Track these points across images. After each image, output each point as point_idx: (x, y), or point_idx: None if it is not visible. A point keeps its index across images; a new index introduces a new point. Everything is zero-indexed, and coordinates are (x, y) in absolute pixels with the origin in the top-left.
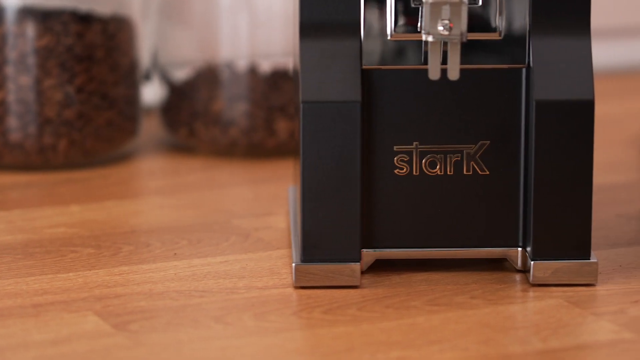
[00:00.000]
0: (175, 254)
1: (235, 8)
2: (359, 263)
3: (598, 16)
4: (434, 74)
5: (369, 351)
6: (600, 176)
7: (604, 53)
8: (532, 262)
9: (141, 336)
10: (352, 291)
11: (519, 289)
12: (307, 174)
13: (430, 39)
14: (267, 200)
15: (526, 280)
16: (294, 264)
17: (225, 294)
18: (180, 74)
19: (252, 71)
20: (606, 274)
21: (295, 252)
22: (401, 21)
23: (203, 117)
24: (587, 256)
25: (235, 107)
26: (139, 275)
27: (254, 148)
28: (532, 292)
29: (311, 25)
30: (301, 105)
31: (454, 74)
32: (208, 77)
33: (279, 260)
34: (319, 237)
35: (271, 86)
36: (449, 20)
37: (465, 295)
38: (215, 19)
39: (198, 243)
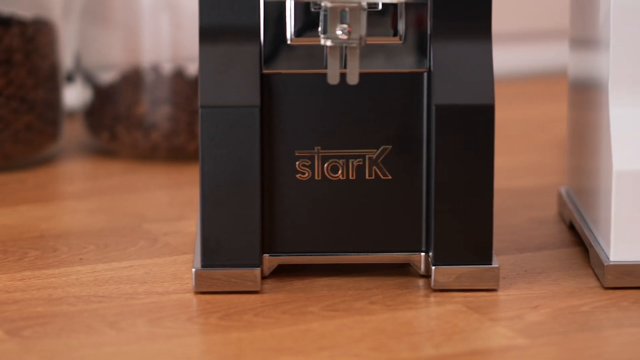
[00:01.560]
0: (80, 259)
1: (156, 10)
2: (259, 268)
3: (515, 20)
4: (332, 78)
5: (258, 357)
6: (519, 180)
7: (529, 56)
8: (433, 268)
9: (32, 342)
10: (252, 296)
11: (420, 295)
12: (206, 178)
13: (329, 43)
14: (182, 205)
15: (429, 286)
16: (194, 269)
17: (124, 299)
18: (106, 77)
19: (178, 74)
20: (510, 278)
21: (196, 257)
22: (301, 26)
23: (126, 121)
24: (489, 261)
25: (158, 111)
26: (40, 281)
27: (176, 152)
28: (433, 298)
29: (211, 30)
30: (200, 111)
31: (353, 78)
32: (132, 80)
33: (183, 265)
34: (219, 242)
35: (196, 90)
36: (347, 24)
37: (365, 300)
38: (137, 21)
39: (105, 248)
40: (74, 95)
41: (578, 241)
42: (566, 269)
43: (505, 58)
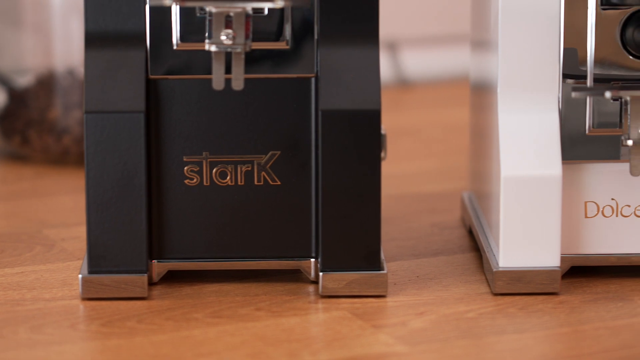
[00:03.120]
0: None
1: (68, 13)
2: (146, 274)
3: (422, 25)
4: (218, 84)
5: None
6: (429, 184)
7: (454, 60)
8: (321, 274)
9: None
10: (138, 303)
11: (307, 301)
12: (92, 184)
13: (213, 48)
14: (84, 210)
15: (318, 292)
16: (80, 276)
17: (10, 306)
18: (22, 81)
19: None
20: (401, 284)
21: (84, 264)
22: (187, 31)
23: (38, 125)
24: (377, 267)
25: (70, 115)
26: None
27: None
28: (321, 304)
29: (96, 35)
30: (84, 116)
31: (238, 84)
32: (47, 84)
33: (75, 271)
34: (105, 248)
35: None
36: (232, 29)
37: (251, 307)
38: (49, 24)
39: (1, 253)
40: None
41: (476, 247)
42: (459, 275)
43: (429, 61)
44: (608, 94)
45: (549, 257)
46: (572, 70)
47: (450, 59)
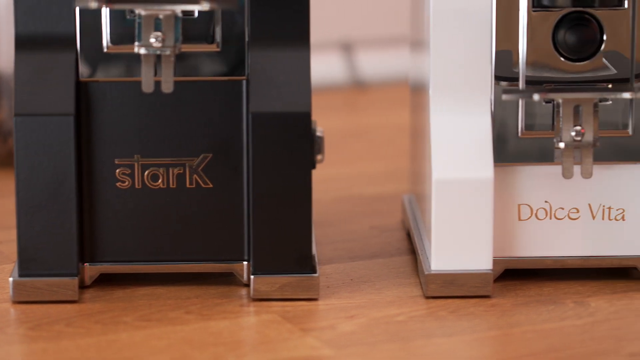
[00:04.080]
0: None
1: (11, 15)
2: (77, 277)
3: (378, 26)
4: (147, 87)
5: None
6: (374, 186)
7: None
8: (252, 277)
9: None
10: (69, 306)
11: (238, 304)
12: (21, 187)
13: (142, 51)
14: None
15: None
16: (11, 279)
17: None
18: None
19: None
20: (335, 287)
21: (15, 267)
22: (117, 33)
23: None
24: (309, 270)
25: None
26: None
27: None
28: (252, 307)
29: (26, 38)
30: (14, 119)
31: (167, 86)
32: None
33: (9, 274)
34: (36, 251)
35: None
36: (161, 32)
37: (182, 310)
38: None
39: None
40: None
41: (414, 249)
42: (393, 278)
43: (384, 63)
44: (537, 97)
45: (481, 260)
46: (505, 73)
47: (406, 61)
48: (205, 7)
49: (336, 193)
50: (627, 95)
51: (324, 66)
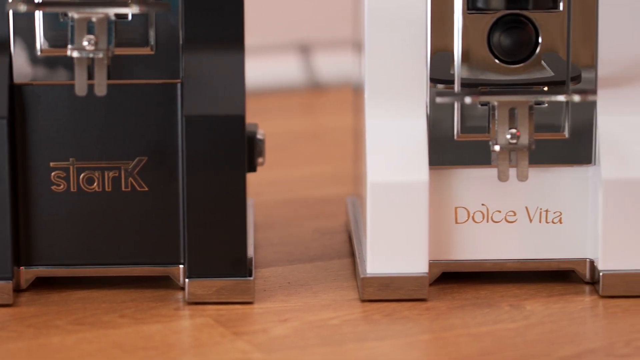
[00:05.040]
0: None
1: None
2: (11, 281)
3: (336, 28)
4: (80, 90)
5: None
6: (315, 189)
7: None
8: (187, 280)
9: None
10: (3, 310)
11: (173, 308)
12: None
13: (75, 54)
14: None
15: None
16: None
17: None
18: None
19: None
20: (271, 290)
21: None
22: (51, 36)
23: None
24: (243, 274)
25: None
26: None
27: None
28: (187, 311)
29: None
30: None
31: (101, 90)
32: None
33: None
34: None
35: None
36: (94, 35)
37: (115, 314)
38: None
39: None
40: None
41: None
42: (331, 281)
43: (342, 64)
44: (469, 100)
45: (416, 264)
46: (441, 75)
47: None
48: (134, 9)
49: (282, 195)
50: (561, 97)
51: (281, 68)
